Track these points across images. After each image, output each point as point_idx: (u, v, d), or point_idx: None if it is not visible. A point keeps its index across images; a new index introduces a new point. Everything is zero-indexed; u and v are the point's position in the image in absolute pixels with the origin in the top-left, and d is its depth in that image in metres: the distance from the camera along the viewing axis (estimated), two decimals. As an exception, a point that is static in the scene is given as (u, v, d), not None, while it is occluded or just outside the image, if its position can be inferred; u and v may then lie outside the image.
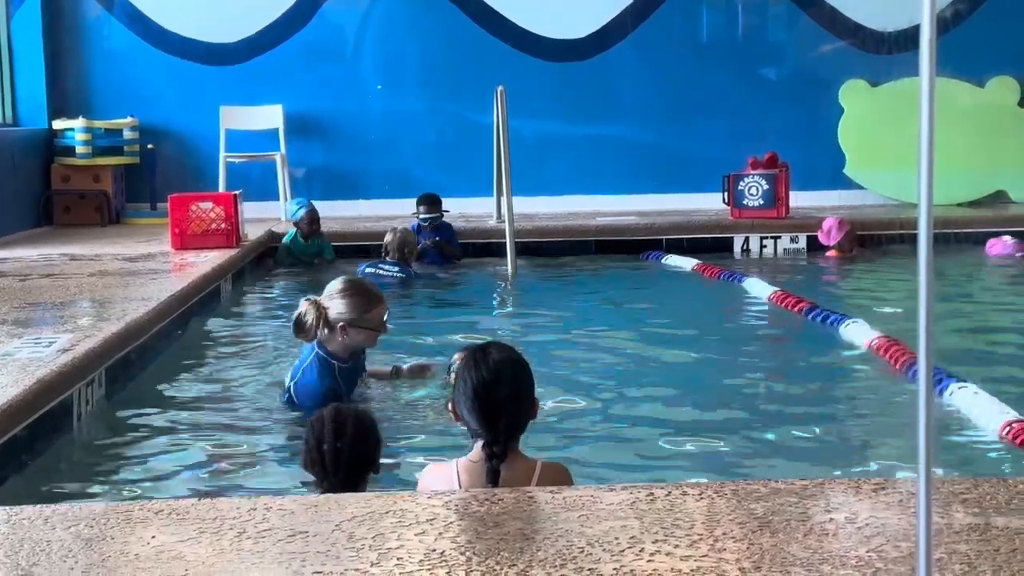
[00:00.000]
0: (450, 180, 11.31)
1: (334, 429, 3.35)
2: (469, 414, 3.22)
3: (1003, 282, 9.20)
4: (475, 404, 3.20)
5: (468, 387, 3.22)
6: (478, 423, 3.20)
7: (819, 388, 5.66)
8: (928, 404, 1.84)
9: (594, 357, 6.34)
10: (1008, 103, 11.84)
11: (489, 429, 3.18)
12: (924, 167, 1.78)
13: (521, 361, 3.34)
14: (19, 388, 4.41)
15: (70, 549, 2.59)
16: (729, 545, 2.49)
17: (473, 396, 3.20)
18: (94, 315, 6.09)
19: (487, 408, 3.19)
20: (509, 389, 3.22)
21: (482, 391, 3.19)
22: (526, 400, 3.28)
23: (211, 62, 11.89)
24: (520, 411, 3.25)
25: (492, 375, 3.21)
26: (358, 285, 5.20)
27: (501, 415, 3.19)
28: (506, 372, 3.24)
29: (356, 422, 3.39)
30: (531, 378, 3.32)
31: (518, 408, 3.24)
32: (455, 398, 3.30)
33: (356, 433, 3.36)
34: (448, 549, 2.50)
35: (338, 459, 3.32)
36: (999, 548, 2.45)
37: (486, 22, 11.91)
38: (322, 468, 3.34)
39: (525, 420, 3.29)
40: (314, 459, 3.37)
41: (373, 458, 3.42)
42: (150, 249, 9.11)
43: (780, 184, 10.59)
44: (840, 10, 11.87)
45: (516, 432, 3.25)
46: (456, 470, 3.23)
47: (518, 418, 3.25)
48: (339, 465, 3.32)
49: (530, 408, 3.30)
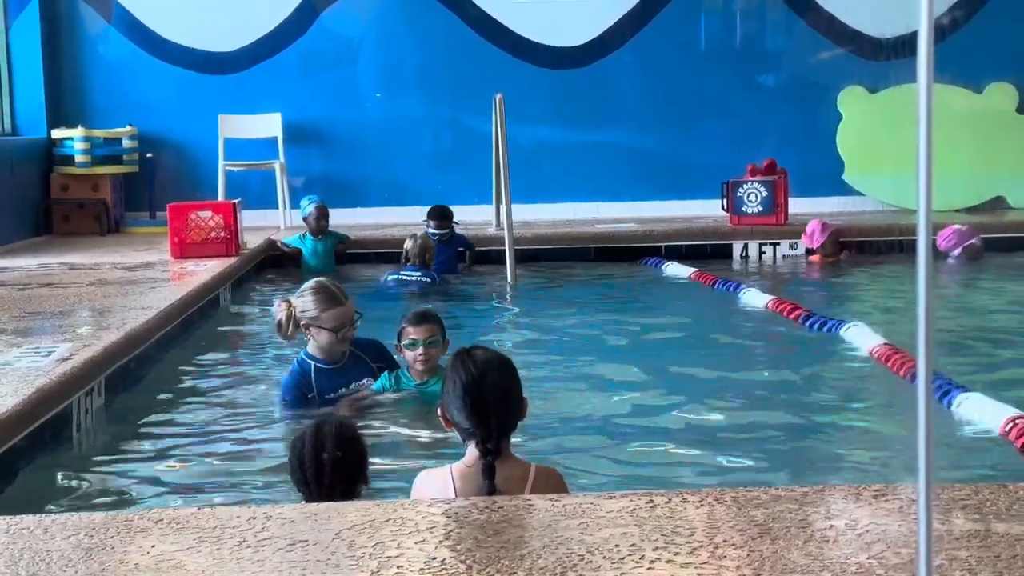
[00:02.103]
0: (449, 188, 11.32)
1: (314, 448, 3.32)
2: (459, 414, 3.24)
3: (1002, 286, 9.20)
4: (465, 402, 3.21)
5: (457, 387, 3.24)
6: (469, 422, 3.22)
7: (818, 394, 5.66)
8: (928, 409, 1.84)
9: (593, 364, 6.34)
10: (1006, 109, 11.86)
11: (481, 425, 3.20)
12: (923, 173, 1.78)
13: (507, 360, 3.38)
14: (18, 397, 4.41)
15: (70, 559, 2.58)
16: (730, 552, 2.49)
17: (463, 394, 3.22)
18: (93, 324, 6.09)
19: (477, 405, 3.21)
20: (497, 385, 3.25)
21: (472, 388, 3.21)
22: (515, 397, 3.31)
23: (210, 71, 11.90)
24: (510, 407, 3.28)
25: (479, 372, 3.24)
26: (322, 285, 5.33)
27: (491, 411, 3.21)
28: (493, 369, 3.27)
29: (336, 439, 3.34)
30: (517, 376, 3.36)
31: (507, 404, 3.27)
32: (444, 402, 3.31)
33: (337, 450, 3.32)
34: (448, 557, 2.50)
35: (321, 477, 3.29)
36: (999, 554, 2.45)
37: (485, 30, 11.93)
38: (307, 487, 3.32)
39: (516, 418, 3.31)
40: (298, 479, 3.35)
41: (359, 472, 3.38)
42: (149, 258, 9.11)
43: (779, 190, 10.60)
44: (838, 17, 11.88)
45: (507, 429, 3.28)
46: (451, 475, 3.24)
47: (508, 414, 3.27)
48: (322, 483, 3.29)
49: (519, 406, 3.33)
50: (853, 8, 11.83)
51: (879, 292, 9.08)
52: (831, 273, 9.83)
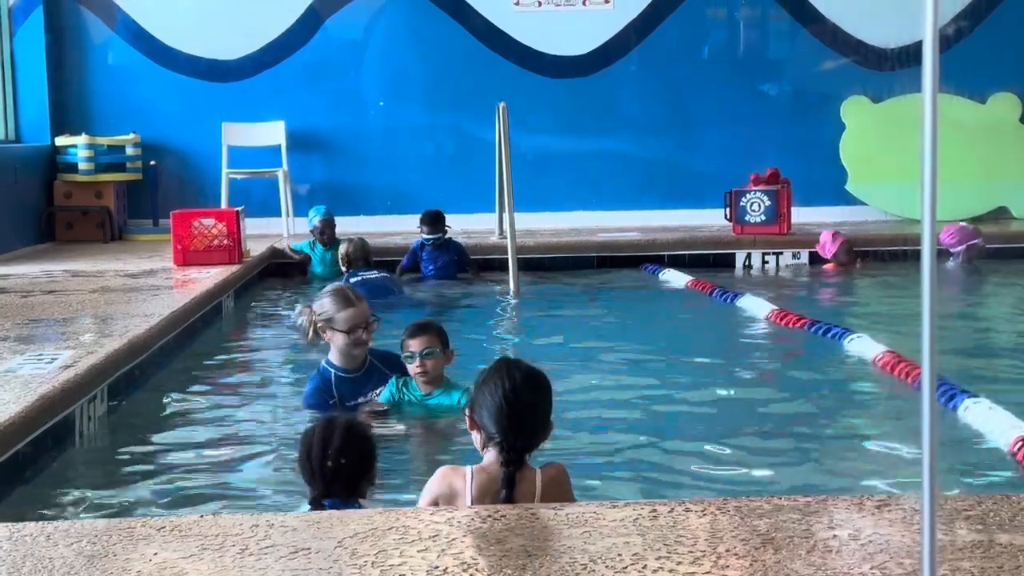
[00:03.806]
0: (452, 196, 11.33)
1: (322, 440, 3.35)
2: (490, 419, 3.24)
3: (1005, 294, 9.20)
4: (501, 409, 3.22)
5: (496, 392, 3.24)
6: (499, 429, 3.22)
7: (821, 404, 5.65)
8: (932, 419, 1.84)
9: (596, 373, 6.34)
10: (1009, 119, 11.86)
11: (510, 435, 3.20)
12: (927, 183, 1.79)
13: (547, 380, 3.39)
14: (21, 404, 4.41)
15: (72, 566, 2.58)
16: (732, 562, 2.48)
17: (501, 401, 3.23)
18: (96, 331, 6.09)
19: (513, 414, 3.21)
20: (535, 400, 3.28)
21: (510, 396, 3.23)
22: (547, 417, 3.33)
23: (213, 79, 11.92)
24: (542, 422, 3.30)
25: (522, 383, 3.26)
26: (339, 288, 5.44)
27: (523, 424, 3.22)
28: (535, 384, 3.31)
29: (345, 433, 3.37)
30: (552, 398, 3.37)
31: (539, 421, 3.29)
32: (476, 403, 3.31)
33: (345, 444, 3.34)
34: (451, 566, 2.50)
35: (325, 469, 3.31)
36: (1003, 565, 2.45)
37: (488, 39, 11.94)
38: (312, 478, 3.35)
39: (542, 438, 3.33)
40: (304, 468, 3.38)
41: (365, 470, 3.40)
42: (152, 265, 9.12)
43: (782, 200, 10.60)
44: (842, 27, 11.89)
45: (532, 446, 3.29)
46: (469, 476, 3.23)
47: (537, 432, 3.29)
48: (326, 475, 3.31)
49: (547, 428, 3.34)
50: (857, 18, 11.84)
51: (883, 301, 9.07)
52: (838, 282, 9.82)
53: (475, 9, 11.90)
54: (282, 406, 5.60)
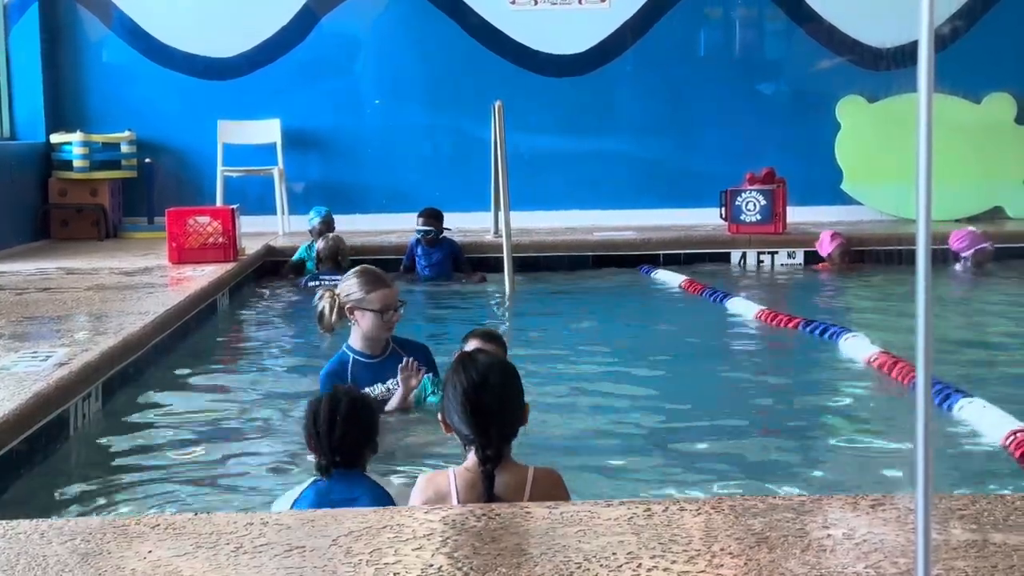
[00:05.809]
0: (448, 195, 11.32)
1: (329, 408, 3.48)
2: (460, 420, 3.20)
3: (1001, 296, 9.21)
4: (465, 408, 3.18)
5: (458, 392, 3.20)
6: (469, 428, 3.19)
7: (816, 403, 5.66)
8: (926, 418, 1.84)
9: (591, 372, 6.34)
10: (1004, 119, 11.88)
11: (481, 433, 3.16)
12: (922, 183, 1.79)
13: (508, 365, 3.37)
14: (16, 402, 4.40)
15: (66, 564, 2.58)
16: (727, 561, 2.49)
17: (463, 400, 3.18)
18: (91, 329, 6.08)
19: (477, 412, 3.17)
20: (498, 392, 3.21)
21: (472, 394, 3.18)
22: (516, 403, 3.27)
23: (209, 77, 11.91)
24: (510, 414, 3.24)
25: (480, 378, 3.20)
26: (366, 268, 5.39)
27: (492, 419, 3.17)
28: (494, 375, 3.23)
29: (350, 402, 3.52)
30: (519, 382, 3.32)
31: (508, 411, 3.23)
32: (444, 406, 3.28)
33: (350, 412, 3.48)
34: (445, 564, 2.50)
35: (332, 436, 3.44)
36: (997, 564, 2.45)
37: (484, 37, 11.94)
38: (317, 445, 3.47)
39: (516, 424, 3.27)
40: (311, 435, 3.50)
41: (367, 439, 3.53)
42: (147, 263, 9.11)
43: (777, 199, 10.61)
44: (838, 26, 11.90)
45: (509, 436, 3.24)
46: (452, 478, 3.21)
47: (509, 422, 3.24)
48: (332, 442, 3.44)
49: (520, 412, 3.29)
50: (853, 18, 11.85)
51: (876, 301, 9.08)
52: (831, 282, 9.83)
53: (471, 7, 11.90)
54: (276, 404, 5.59)
